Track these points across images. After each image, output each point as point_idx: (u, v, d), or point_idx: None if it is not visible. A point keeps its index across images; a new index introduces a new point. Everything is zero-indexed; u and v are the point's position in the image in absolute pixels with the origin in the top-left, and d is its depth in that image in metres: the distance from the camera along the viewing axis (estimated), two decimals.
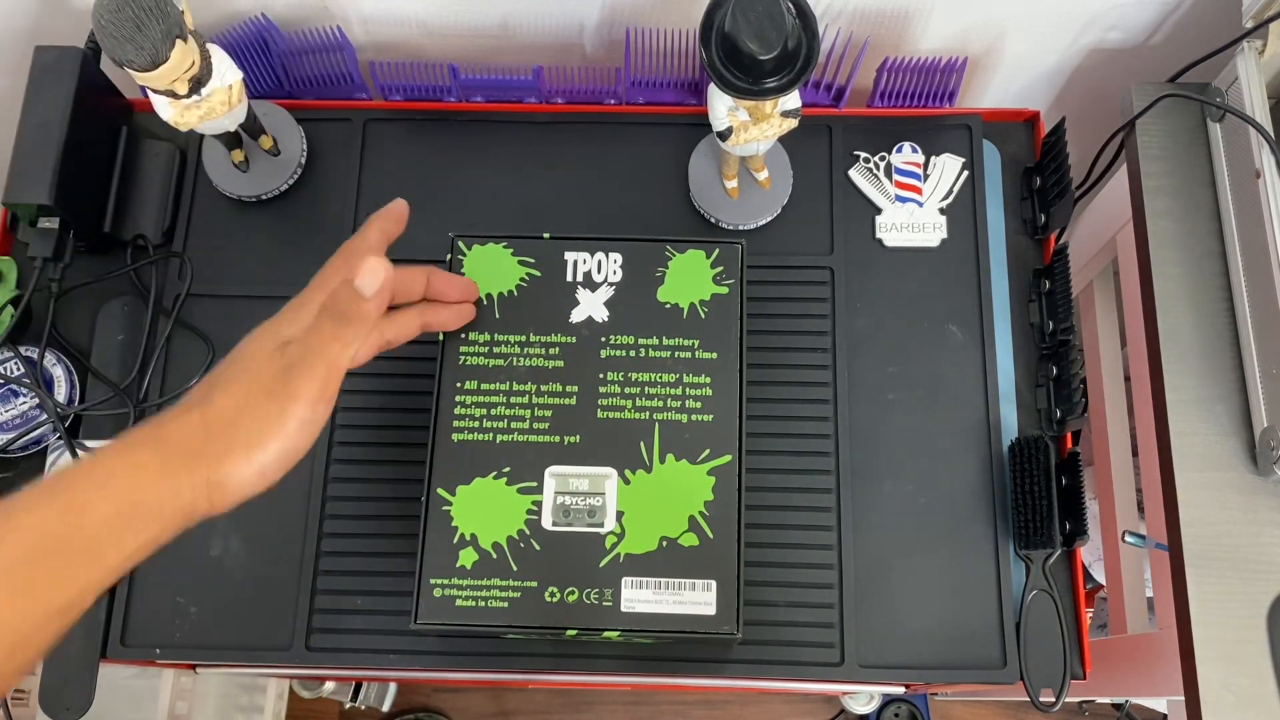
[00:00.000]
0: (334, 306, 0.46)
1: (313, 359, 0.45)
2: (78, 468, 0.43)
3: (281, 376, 0.44)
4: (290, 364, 0.45)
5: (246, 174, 0.69)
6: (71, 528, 0.40)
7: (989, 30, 0.74)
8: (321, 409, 0.45)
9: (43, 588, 0.40)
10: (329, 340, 0.46)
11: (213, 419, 0.44)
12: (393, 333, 0.52)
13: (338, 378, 0.46)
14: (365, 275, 0.47)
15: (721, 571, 0.54)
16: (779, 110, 0.59)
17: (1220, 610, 0.59)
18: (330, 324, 0.46)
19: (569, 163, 0.71)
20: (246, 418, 0.44)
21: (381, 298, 0.47)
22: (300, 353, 0.45)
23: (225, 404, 0.44)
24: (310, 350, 0.45)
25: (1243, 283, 0.64)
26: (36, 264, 0.65)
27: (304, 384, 0.44)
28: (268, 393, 0.44)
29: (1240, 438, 0.62)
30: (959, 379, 0.66)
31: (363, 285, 0.46)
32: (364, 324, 0.47)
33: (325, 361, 0.45)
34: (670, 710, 1.36)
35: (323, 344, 0.45)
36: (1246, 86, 0.64)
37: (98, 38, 0.54)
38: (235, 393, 0.44)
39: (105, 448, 0.43)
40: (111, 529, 0.41)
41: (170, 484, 0.42)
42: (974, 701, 1.36)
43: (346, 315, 0.46)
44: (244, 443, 0.44)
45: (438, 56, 0.75)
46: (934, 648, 0.61)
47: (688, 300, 0.59)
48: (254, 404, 0.44)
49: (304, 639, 0.61)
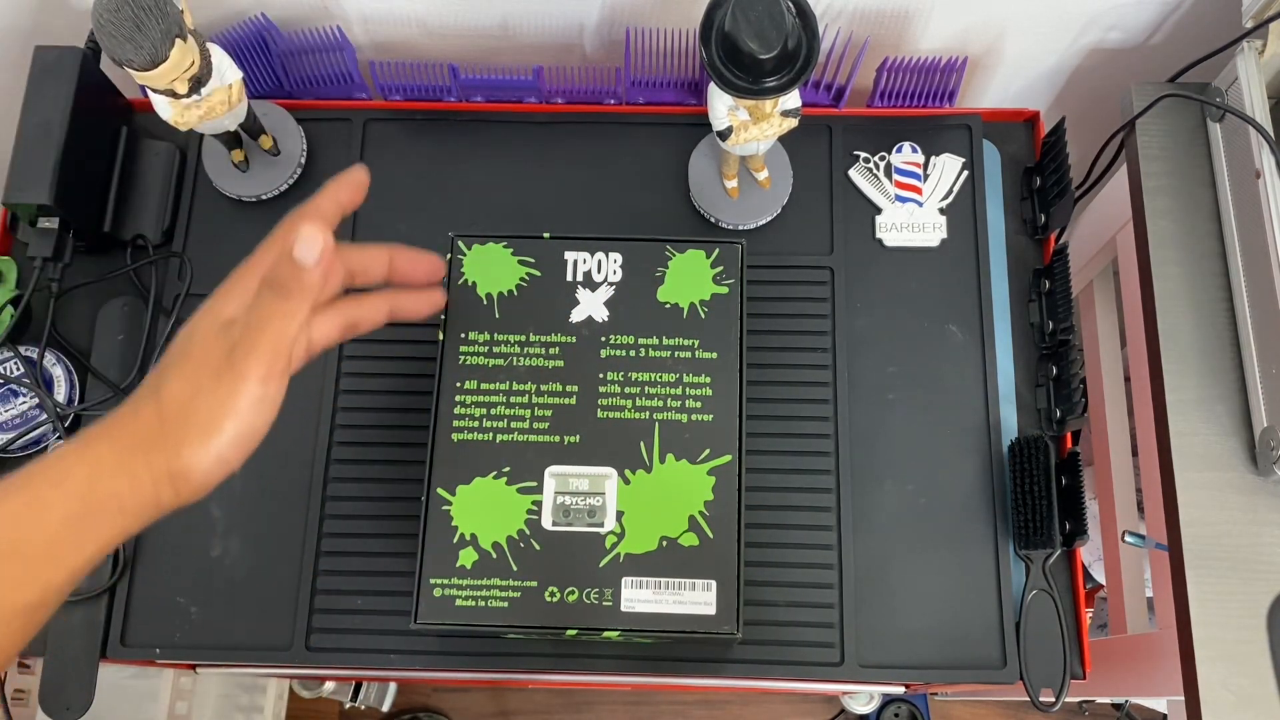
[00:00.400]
0: (274, 279, 0.44)
1: (256, 336, 0.43)
2: (35, 466, 0.42)
3: (228, 358, 0.43)
4: (234, 343, 0.43)
5: (246, 174, 0.69)
6: (29, 527, 0.40)
7: (989, 30, 0.74)
8: (274, 386, 0.44)
9: (5, 589, 0.39)
10: (271, 316, 0.44)
11: (165, 407, 0.43)
12: (357, 315, 0.50)
13: (286, 352, 0.44)
14: (302, 244, 0.44)
15: (721, 571, 0.54)
16: (779, 110, 0.59)
17: (1220, 610, 0.59)
18: (271, 298, 0.44)
19: (569, 163, 0.71)
20: (198, 402, 0.43)
21: (323, 267, 0.45)
22: (243, 331, 0.44)
23: (175, 391, 0.43)
24: (253, 327, 0.44)
25: (1243, 283, 0.64)
26: (36, 264, 0.65)
27: (251, 363, 0.43)
28: (215, 375, 0.43)
29: (1240, 438, 0.62)
30: (959, 379, 0.66)
31: (300, 254, 0.44)
32: (306, 295, 0.45)
33: (270, 337, 0.43)
34: (670, 710, 1.36)
35: (265, 320, 0.44)
36: (1246, 86, 0.64)
37: (97, 37, 0.54)
38: (184, 378, 0.43)
39: (62, 445, 0.43)
40: (71, 528, 0.41)
41: (128, 478, 0.42)
42: (974, 701, 1.36)
43: (287, 287, 0.44)
44: (199, 428, 0.43)
45: (438, 56, 0.75)
46: (934, 648, 0.61)
47: (688, 300, 0.59)
48: (203, 388, 0.43)
49: (304, 639, 0.61)
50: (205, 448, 0.43)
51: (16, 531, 0.40)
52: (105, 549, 0.42)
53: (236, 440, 0.43)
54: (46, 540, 0.40)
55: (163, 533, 0.63)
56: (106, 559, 0.63)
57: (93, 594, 0.62)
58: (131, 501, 0.42)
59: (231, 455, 0.43)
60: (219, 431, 0.43)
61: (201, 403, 0.43)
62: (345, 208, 0.48)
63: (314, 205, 0.47)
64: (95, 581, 0.62)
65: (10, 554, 0.40)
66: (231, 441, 0.43)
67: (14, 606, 0.40)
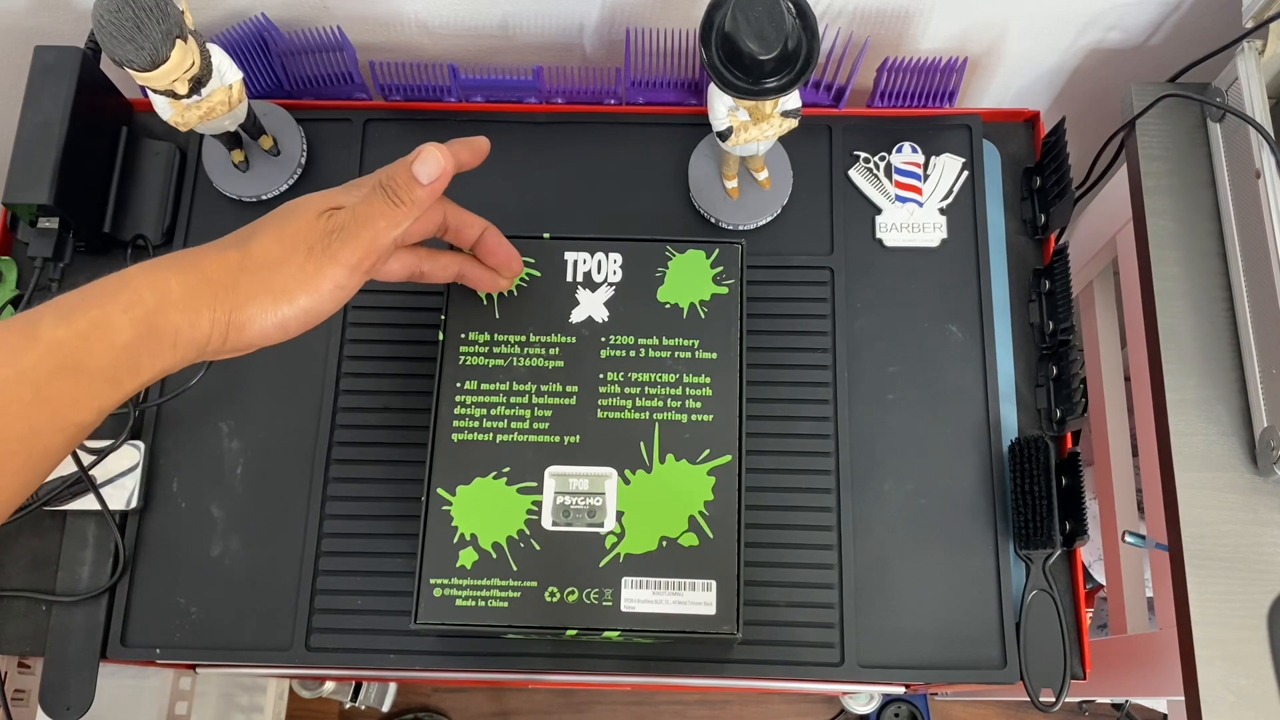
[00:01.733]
0: (389, 183, 0.47)
1: (358, 227, 0.46)
2: (103, 285, 0.43)
3: (324, 238, 0.45)
4: (336, 227, 0.46)
5: (246, 174, 0.69)
6: (95, 349, 0.41)
7: (989, 30, 0.74)
8: (356, 279, 0.46)
9: (63, 405, 0.40)
10: (377, 215, 0.46)
11: (250, 260, 0.45)
12: (429, 266, 0.53)
13: (375, 254, 0.46)
14: (424, 161, 0.47)
15: (721, 571, 0.54)
16: (779, 110, 0.59)
17: (1220, 610, 0.59)
18: (382, 199, 0.46)
19: (569, 163, 0.71)
20: (283, 267, 0.45)
21: (435, 188, 0.47)
22: (348, 219, 0.46)
23: (264, 249, 0.45)
24: (357, 218, 0.46)
25: (1243, 283, 0.64)
26: (36, 264, 0.65)
27: (345, 251, 0.45)
28: (308, 249, 0.45)
29: (1240, 438, 0.62)
30: (959, 379, 0.66)
31: (419, 170, 0.46)
32: (413, 208, 0.47)
33: (370, 234, 0.46)
34: (670, 710, 1.36)
35: (371, 217, 0.46)
36: (1246, 86, 0.64)
37: (98, 37, 0.54)
38: (278, 241, 0.45)
39: (132, 270, 0.43)
40: (131, 354, 0.42)
41: (190, 314, 0.43)
42: (974, 701, 1.36)
43: (398, 195, 0.46)
44: (275, 289, 0.45)
45: (438, 56, 0.75)
46: (934, 648, 0.61)
47: (688, 300, 0.59)
48: (293, 256, 0.45)
49: (304, 639, 0.61)
50: (274, 310, 0.45)
51: (84, 350, 0.41)
52: (153, 380, 0.43)
53: (303, 314, 0.46)
54: (110, 363, 0.41)
55: (163, 533, 0.63)
56: (106, 559, 0.63)
57: (93, 594, 0.62)
58: (185, 337, 0.43)
59: (293, 327, 0.46)
60: (292, 300, 0.45)
61: (286, 268, 0.45)
62: (463, 164, 0.50)
63: (438, 144, 0.49)
64: (95, 581, 0.62)
65: (75, 371, 0.40)
66: (298, 314, 0.45)
67: (70, 423, 0.41)
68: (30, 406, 0.40)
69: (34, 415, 0.40)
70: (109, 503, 0.62)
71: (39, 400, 0.40)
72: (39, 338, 0.40)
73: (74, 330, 0.41)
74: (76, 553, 0.63)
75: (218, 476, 0.64)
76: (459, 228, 0.54)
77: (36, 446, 0.40)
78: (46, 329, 0.40)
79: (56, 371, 0.40)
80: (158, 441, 0.65)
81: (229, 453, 0.65)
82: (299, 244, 0.45)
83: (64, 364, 0.40)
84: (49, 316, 0.41)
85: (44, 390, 0.40)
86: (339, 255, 0.45)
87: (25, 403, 0.39)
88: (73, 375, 0.40)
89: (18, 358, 0.40)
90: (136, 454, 0.64)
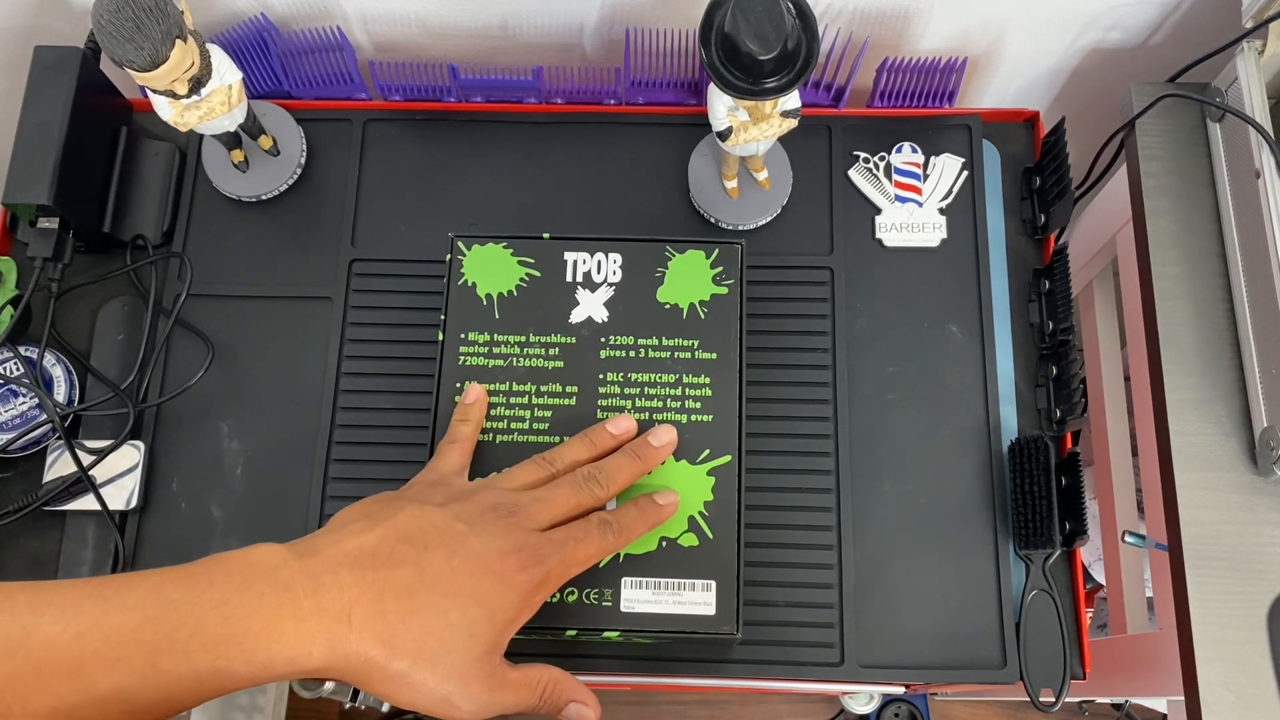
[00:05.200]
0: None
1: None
2: (225, 614, 0.39)
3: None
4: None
5: (246, 174, 0.69)
6: (204, 689, 0.39)
7: (989, 30, 0.74)
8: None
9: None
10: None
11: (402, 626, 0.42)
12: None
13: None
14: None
15: (721, 572, 0.54)
16: (779, 110, 0.59)
17: (1220, 610, 0.59)
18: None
19: (569, 163, 0.71)
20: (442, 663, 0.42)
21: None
22: (554, 580, 0.45)
23: (426, 626, 0.42)
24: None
25: (1243, 283, 0.64)
26: (36, 264, 0.65)
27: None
28: (486, 674, 0.43)
29: (1240, 438, 0.62)
30: (959, 379, 0.66)
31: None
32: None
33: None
34: (670, 710, 1.36)
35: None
36: (1246, 86, 0.64)
37: (97, 37, 0.54)
38: (443, 642, 0.42)
39: (267, 596, 0.41)
40: (223, 688, 0.40)
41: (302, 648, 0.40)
42: (974, 701, 1.36)
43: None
44: (424, 669, 0.42)
45: (438, 56, 0.75)
46: (934, 648, 0.61)
47: (687, 300, 0.59)
48: (460, 666, 0.42)
49: None
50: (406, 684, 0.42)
51: (195, 688, 0.39)
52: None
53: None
54: (184, 698, 0.40)
55: (163, 533, 0.63)
56: (106, 559, 0.63)
57: None
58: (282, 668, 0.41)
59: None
60: (431, 694, 0.43)
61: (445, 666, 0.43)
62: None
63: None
64: None
65: (139, 711, 0.39)
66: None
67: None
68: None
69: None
70: (109, 503, 0.62)
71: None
72: (157, 668, 0.39)
73: (186, 670, 0.39)
74: (76, 553, 0.63)
75: (218, 476, 0.64)
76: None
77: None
78: (166, 662, 0.39)
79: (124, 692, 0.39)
80: (158, 441, 0.65)
81: (229, 453, 0.65)
82: (474, 649, 0.43)
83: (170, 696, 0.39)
84: (181, 643, 0.39)
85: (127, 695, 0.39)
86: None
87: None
88: (134, 713, 0.39)
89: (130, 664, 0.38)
90: (136, 454, 0.64)
